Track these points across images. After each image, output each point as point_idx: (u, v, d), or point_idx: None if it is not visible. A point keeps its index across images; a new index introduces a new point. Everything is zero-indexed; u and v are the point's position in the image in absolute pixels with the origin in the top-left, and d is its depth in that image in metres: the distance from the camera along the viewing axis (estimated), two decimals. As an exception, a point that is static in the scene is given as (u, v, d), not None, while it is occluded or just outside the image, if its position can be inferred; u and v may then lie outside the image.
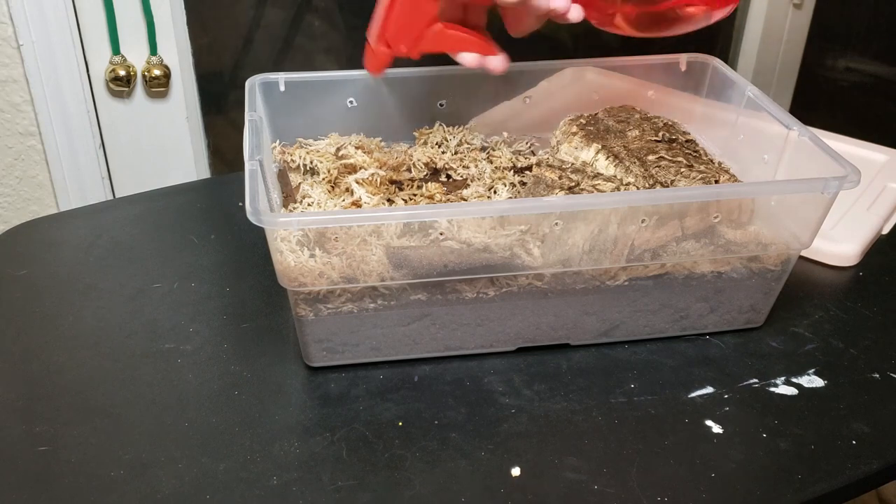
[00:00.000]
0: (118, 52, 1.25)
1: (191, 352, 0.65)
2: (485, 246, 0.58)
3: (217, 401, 0.61)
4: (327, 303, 0.60)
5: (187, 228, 0.82)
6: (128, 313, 0.70)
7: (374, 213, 0.60)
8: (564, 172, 0.63)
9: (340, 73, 0.76)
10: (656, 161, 0.66)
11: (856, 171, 0.60)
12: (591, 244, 0.59)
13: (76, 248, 0.79)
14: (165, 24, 1.26)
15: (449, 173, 0.72)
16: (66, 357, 0.65)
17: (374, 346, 0.63)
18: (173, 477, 0.55)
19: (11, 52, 1.17)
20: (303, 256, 0.57)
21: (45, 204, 1.30)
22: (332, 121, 0.76)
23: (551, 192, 0.62)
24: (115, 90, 1.28)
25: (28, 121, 1.23)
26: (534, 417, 0.60)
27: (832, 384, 0.63)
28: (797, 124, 0.67)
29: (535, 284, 0.62)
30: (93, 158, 1.29)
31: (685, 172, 0.65)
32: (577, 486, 0.54)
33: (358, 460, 0.56)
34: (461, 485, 0.54)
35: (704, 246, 0.62)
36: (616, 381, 0.63)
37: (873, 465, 0.56)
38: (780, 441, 0.58)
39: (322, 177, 0.70)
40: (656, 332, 0.67)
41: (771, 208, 0.63)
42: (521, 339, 0.65)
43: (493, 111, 0.79)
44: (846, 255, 0.77)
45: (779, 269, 0.66)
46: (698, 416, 0.60)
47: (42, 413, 0.60)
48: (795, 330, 0.69)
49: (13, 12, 1.14)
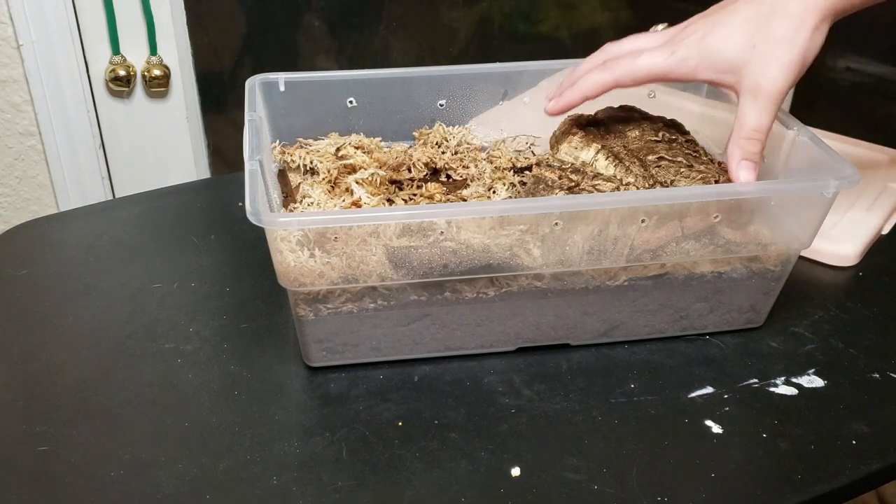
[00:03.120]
0: (118, 52, 1.25)
1: (191, 352, 0.65)
2: (485, 246, 0.58)
3: (217, 401, 0.61)
4: (327, 303, 0.60)
5: (187, 228, 0.82)
6: (128, 313, 0.70)
7: (374, 213, 0.60)
8: (564, 172, 0.63)
9: (340, 73, 0.76)
10: (656, 161, 0.66)
11: (856, 171, 0.60)
12: (591, 244, 0.59)
13: (76, 248, 0.79)
14: (165, 24, 1.26)
15: (449, 173, 0.72)
16: (66, 357, 0.65)
17: (374, 346, 0.63)
18: (173, 477, 0.55)
19: (11, 52, 1.17)
20: (303, 256, 0.57)
21: (45, 204, 1.30)
22: (332, 121, 0.76)
23: (551, 193, 0.62)
24: (115, 90, 1.28)
25: (28, 121, 1.23)
26: (534, 417, 0.60)
27: (832, 384, 0.63)
28: (797, 124, 0.67)
29: (535, 284, 0.62)
30: (93, 158, 1.29)
31: (685, 172, 0.65)
32: (577, 486, 0.54)
33: (358, 460, 0.56)
34: (461, 485, 0.54)
35: (704, 246, 0.62)
36: (616, 381, 0.63)
37: (873, 465, 0.56)
38: (780, 441, 0.58)
39: (322, 177, 0.70)
40: (656, 332, 0.67)
41: (771, 208, 0.63)
42: (521, 339, 0.65)
43: (493, 111, 0.79)
44: (846, 255, 0.77)
45: (779, 269, 0.66)
46: (698, 416, 0.60)
47: (42, 413, 0.60)
48: (795, 330, 0.69)
49: (13, 12, 1.14)
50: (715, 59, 0.62)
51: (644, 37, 0.67)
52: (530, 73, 0.78)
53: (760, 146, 0.61)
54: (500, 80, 0.78)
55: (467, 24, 1.56)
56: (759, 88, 0.60)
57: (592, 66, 0.66)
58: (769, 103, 0.60)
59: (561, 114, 0.68)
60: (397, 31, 1.53)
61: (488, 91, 0.78)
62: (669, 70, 0.63)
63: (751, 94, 0.61)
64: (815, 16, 0.60)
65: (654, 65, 0.63)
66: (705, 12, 0.65)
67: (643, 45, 0.66)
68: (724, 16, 0.62)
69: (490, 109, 0.79)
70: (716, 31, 0.62)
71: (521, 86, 0.79)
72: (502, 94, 0.79)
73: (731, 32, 0.61)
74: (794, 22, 0.59)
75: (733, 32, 0.61)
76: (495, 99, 0.79)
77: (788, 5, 0.60)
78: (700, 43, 0.62)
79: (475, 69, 0.78)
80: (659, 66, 0.63)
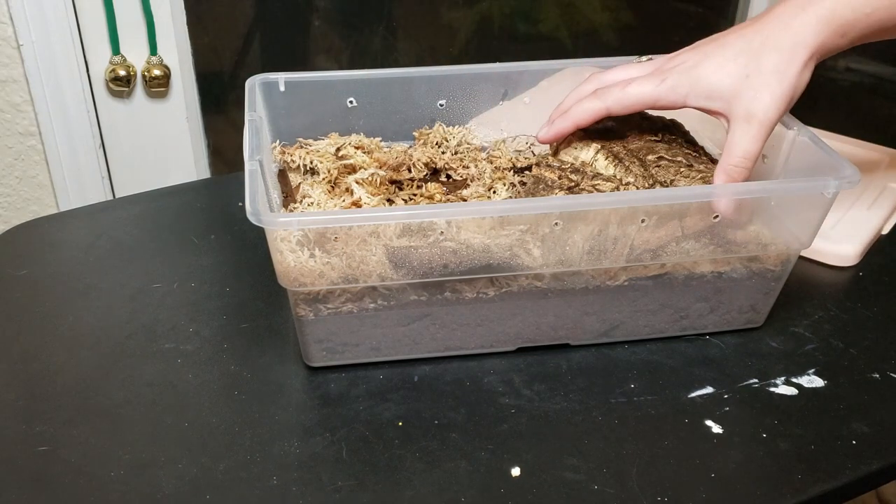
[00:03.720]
0: (118, 52, 1.25)
1: (191, 352, 0.65)
2: (485, 246, 0.58)
3: (217, 401, 0.61)
4: (327, 303, 0.60)
5: (187, 228, 0.82)
6: (128, 313, 0.70)
7: (374, 213, 0.60)
8: (564, 172, 0.63)
9: (340, 73, 0.76)
10: (656, 161, 0.66)
11: (856, 171, 0.60)
12: (591, 244, 0.59)
13: (76, 248, 0.79)
14: (165, 24, 1.26)
15: (449, 173, 0.72)
16: (66, 357, 0.65)
17: (374, 346, 0.63)
18: (173, 477, 0.55)
19: (11, 52, 1.17)
20: (303, 257, 0.57)
21: (45, 204, 1.30)
22: (332, 121, 0.76)
23: (551, 192, 0.62)
24: (115, 90, 1.28)
25: (28, 121, 1.23)
26: (534, 417, 0.60)
27: (832, 384, 0.63)
28: (797, 124, 0.67)
29: (535, 284, 0.62)
30: (93, 158, 1.29)
31: (685, 172, 0.65)
32: (576, 486, 0.54)
33: (358, 460, 0.56)
34: (461, 485, 0.54)
35: (704, 246, 0.62)
36: (616, 381, 0.63)
37: (873, 465, 0.56)
38: (780, 441, 0.58)
39: (322, 177, 0.70)
40: (656, 332, 0.67)
41: (771, 208, 0.63)
42: (521, 339, 0.65)
43: (493, 111, 0.79)
44: (846, 255, 0.77)
45: (779, 269, 0.66)
46: (698, 416, 0.60)
47: (42, 413, 0.60)
48: (795, 330, 0.69)
49: (13, 12, 1.14)
50: (706, 87, 0.63)
51: (631, 67, 0.69)
52: (530, 73, 0.78)
53: (747, 174, 0.62)
54: (500, 80, 0.78)
55: (467, 24, 1.57)
56: (752, 116, 0.61)
57: (582, 96, 0.67)
58: (761, 131, 0.61)
59: (553, 142, 0.69)
60: (397, 31, 1.53)
61: (488, 91, 0.78)
62: (659, 97, 0.64)
63: (744, 121, 0.61)
64: (805, 52, 0.61)
65: (643, 93, 0.64)
66: (692, 46, 0.66)
67: (632, 74, 0.67)
68: (716, 48, 0.64)
69: (490, 109, 0.79)
70: (707, 61, 0.63)
71: (521, 86, 0.79)
72: (502, 94, 0.79)
73: (724, 64, 0.62)
74: (785, 56, 0.61)
75: (725, 64, 0.62)
76: (495, 99, 0.79)
77: (780, 40, 0.61)
78: (691, 72, 0.63)
79: (475, 69, 0.78)
80: (649, 94, 0.64)
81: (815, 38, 0.61)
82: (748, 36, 0.63)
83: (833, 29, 0.61)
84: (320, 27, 1.50)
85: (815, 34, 0.61)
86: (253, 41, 1.48)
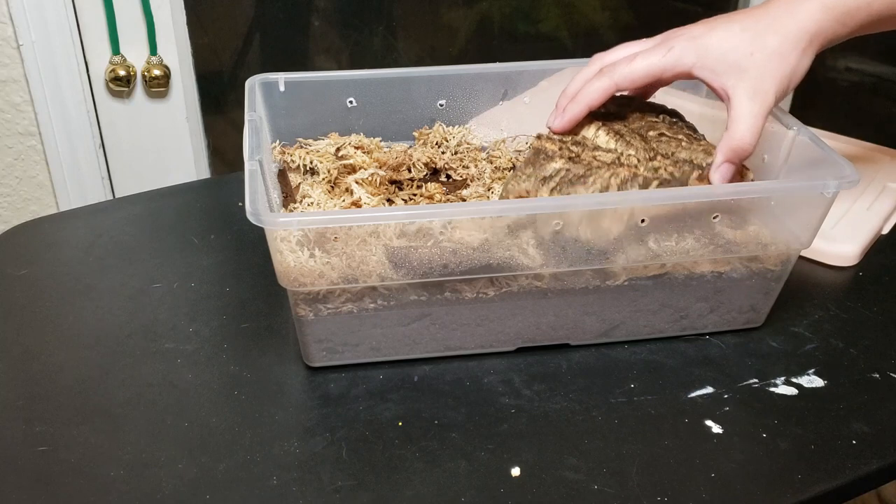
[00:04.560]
0: (118, 52, 1.25)
1: (191, 352, 0.65)
2: (484, 246, 0.58)
3: (217, 401, 0.61)
4: (327, 303, 0.60)
5: (187, 228, 0.82)
6: (128, 313, 0.70)
7: (373, 213, 0.60)
8: (565, 144, 0.63)
9: (340, 73, 0.76)
10: (657, 137, 0.65)
11: (856, 172, 0.60)
12: (591, 244, 0.59)
13: (76, 248, 0.79)
14: (165, 24, 1.26)
15: (449, 173, 0.73)
16: (66, 357, 0.65)
17: (373, 346, 0.63)
18: (173, 477, 0.55)
19: (11, 52, 1.17)
20: (303, 257, 0.57)
21: (45, 204, 1.30)
22: (332, 121, 0.76)
23: (551, 163, 0.61)
24: (115, 90, 1.28)
25: (28, 121, 1.23)
26: (534, 417, 0.60)
27: (832, 384, 0.63)
28: (797, 124, 0.67)
29: (535, 284, 0.62)
30: (93, 158, 1.29)
31: (686, 145, 0.65)
32: (576, 486, 0.54)
33: (358, 460, 0.56)
34: (461, 485, 0.54)
35: (704, 246, 0.62)
36: (616, 381, 0.63)
37: (873, 465, 0.56)
38: (780, 441, 0.58)
39: (322, 177, 0.70)
40: (656, 332, 0.67)
41: (771, 208, 0.63)
42: (521, 339, 0.65)
43: (492, 111, 0.79)
44: (846, 255, 0.77)
45: (779, 269, 0.66)
46: (698, 416, 0.60)
47: (42, 413, 0.60)
48: (795, 330, 0.69)
49: (13, 12, 1.14)
50: (713, 58, 0.62)
51: (634, 43, 0.68)
52: (530, 73, 0.78)
53: (747, 153, 0.62)
54: (500, 80, 0.78)
55: (467, 24, 1.56)
56: (756, 95, 0.61)
57: (587, 78, 0.67)
58: (763, 110, 0.62)
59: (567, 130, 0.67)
60: (397, 31, 1.53)
61: (488, 91, 0.78)
62: (666, 68, 0.64)
63: (748, 98, 0.61)
64: (806, 38, 0.62)
65: (650, 64, 0.64)
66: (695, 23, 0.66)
67: (635, 49, 0.67)
68: (721, 22, 0.64)
69: (490, 109, 0.79)
70: (714, 33, 0.63)
71: (521, 86, 0.79)
72: (502, 94, 0.79)
73: (730, 37, 0.62)
74: (788, 39, 0.62)
75: (731, 38, 0.62)
76: (495, 99, 0.79)
77: (785, 24, 0.62)
78: (697, 41, 0.63)
79: (475, 69, 0.78)
80: (655, 65, 0.64)
81: (817, 24, 0.62)
82: (757, 15, 0.63)
83: (835, 17, 0.62)
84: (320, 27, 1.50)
85: (817, 21, 0.62)
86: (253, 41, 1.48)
